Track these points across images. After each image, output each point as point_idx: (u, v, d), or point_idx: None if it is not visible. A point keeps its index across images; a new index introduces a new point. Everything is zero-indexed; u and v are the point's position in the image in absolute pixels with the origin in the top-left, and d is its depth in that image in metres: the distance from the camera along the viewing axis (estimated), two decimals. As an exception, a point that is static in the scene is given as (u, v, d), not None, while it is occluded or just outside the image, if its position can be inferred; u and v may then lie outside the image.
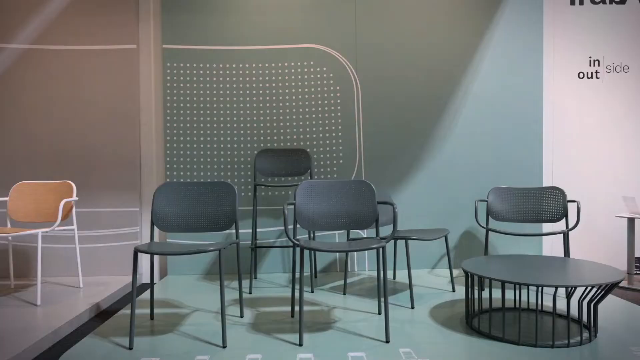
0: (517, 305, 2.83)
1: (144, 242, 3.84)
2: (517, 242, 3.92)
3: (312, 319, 2.64)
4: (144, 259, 3.87)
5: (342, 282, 3.52)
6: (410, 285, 2.86)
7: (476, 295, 2.86)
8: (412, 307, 2.84)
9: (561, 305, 2.89)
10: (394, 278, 3.59)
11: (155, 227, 2.60)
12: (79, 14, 3.73)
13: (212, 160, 3.79)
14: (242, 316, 2.70)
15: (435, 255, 3.90)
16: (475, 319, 2.59)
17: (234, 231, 3.71)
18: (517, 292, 3.16)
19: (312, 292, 3.24)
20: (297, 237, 2.72)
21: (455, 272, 3.80)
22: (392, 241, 3.61)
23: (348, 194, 2.69)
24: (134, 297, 2.24)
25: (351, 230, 3.21)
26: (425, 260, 3.89)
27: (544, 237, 3.94)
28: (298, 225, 3.09)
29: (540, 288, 2.67)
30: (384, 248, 2.33)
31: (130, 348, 2.22)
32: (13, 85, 3.71)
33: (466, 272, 2.47)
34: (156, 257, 3.86)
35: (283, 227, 3.81)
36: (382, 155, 3.86)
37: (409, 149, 3.87)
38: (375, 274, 3.77)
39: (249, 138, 3.81)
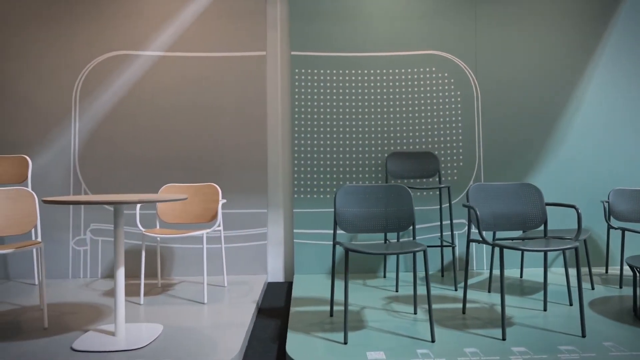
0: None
1: (271, 243, 3.97)
2: (632, 241, 4.04)
3: (488, 316, 2.76)
4: (274, 259, 3.98)
5: (472, 280, 3.64)
6: (568, 283, 2.98)
7: None
8: (571, 304, 2.96)
9: None
10: (521, 277, 3.72)
11: (339, 227, 2.72)
12: (210, 22, 3.86)
13: (339, 162, 3.92)
14: (415, 313, 2.82)
15: (550, 254, 4.02)
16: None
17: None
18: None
19: (456, 290, 3.36)
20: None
21: (573, 270, 3.91)
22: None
23: (517, 196, 2.81)
24: (346, 295, 2.36)
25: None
26: (540, 259, 4.01)
27: (654, 236, 4.06)
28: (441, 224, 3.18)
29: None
30: (577, 248, 2.46)
31: (345, 343, 2.34)
32: (148, 91, 3.84)
33: (635, 268, 2.59)
34: (282, 257, 3.98)
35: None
36: (500, 157, 3.98)
37: (527, 151, 3.99)
38: (495, 272, 3.88)
39: (373, 142, 3.93)
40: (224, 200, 3.41)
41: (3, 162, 3.56)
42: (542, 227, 4.02)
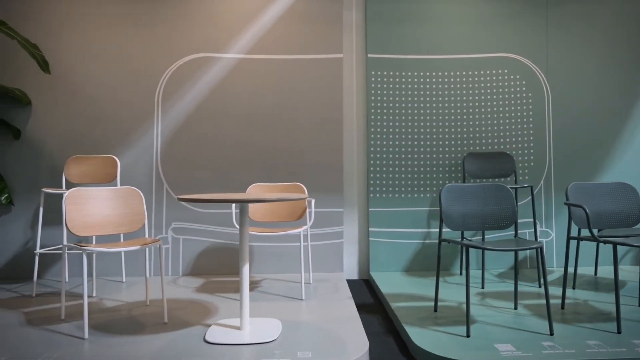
0: None
1: (346, 241, 4.06)
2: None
3: (588, 311, 2.85)
4: (348, 257, 4.07)
5: (545, 278, 3.73)
6: (659, 280, 3.07)
7: None
8: (662, 300, 3.05)
9: None
10: (596, 274, 3.81)
11: (444, 225, 2.81)
12: (289, 25, 3.95)
13: (413, 163, 4.01)
14: (515, 308, 2.91)
15: (621, 252, 4.12)
16: None
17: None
18: None
19: (540, 286, 3.45)
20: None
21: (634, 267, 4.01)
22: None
23: (613, 195, 2.90)
24: (468, 291, 2.44)
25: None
26: (609, 257, 4.10)
27: None
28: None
29: None
30: (687, 244, 2.54)
31: (468, 336, 2.43)
32: (228, 93, 3.93)
33: None
34: (356, 255, 4.07)
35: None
36: (570, 157, 4.07)
37: (596, 151, 4.08)
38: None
39: (447, 142, 4.02)
40: (313, 199, 3.50)
41: (92, 162, 3.65)
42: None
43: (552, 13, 4.04)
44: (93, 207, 2.82)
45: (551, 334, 2.45)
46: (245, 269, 2.51)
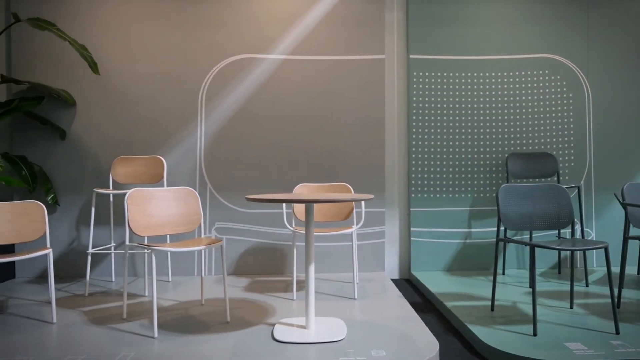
0: None
1: (387, 241, 4.08)
2: None
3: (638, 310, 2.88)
4: (390, 257, 4.10)
5: (591, 277, 3.75)
6: None
7: None
8: None
9: None
10: (638, 274, 3.83)
11: (503, 225, 2.83)
12: (331, 27, 3.97)
13: (454, 163, 4.03)
14: (571, 307, 2.94)
15: (656, 252, 4.14)
16: None
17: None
18: None
19: (587, 285, 3.47)
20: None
21: None
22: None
23: (668, 195, 2.92)
24: (534, 290, 2.46)
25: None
26: (649, 256, 4.13)
27: None
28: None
29: None
30: None
31: (535, 334, 2.45)
32: (270, 94, 3.96)
33: None
34: (397, 255, 4.10)
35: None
36: (611, 157, 4.09)
37: (637, 151, 4.10)
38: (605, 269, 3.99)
39: (488, 142, 4.04)
40: (363, 200, 3.51)
41: (139, 163, 3.67)
42: None
43: (592, 13, 4.07)
44: (154, 207, 2.85)
45: (617, 332, 2.47)
46: (311, 269, 2.53)
